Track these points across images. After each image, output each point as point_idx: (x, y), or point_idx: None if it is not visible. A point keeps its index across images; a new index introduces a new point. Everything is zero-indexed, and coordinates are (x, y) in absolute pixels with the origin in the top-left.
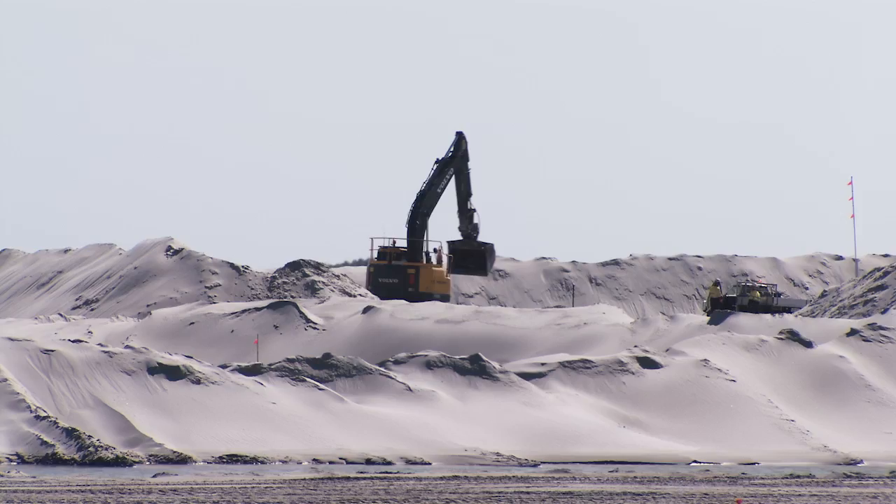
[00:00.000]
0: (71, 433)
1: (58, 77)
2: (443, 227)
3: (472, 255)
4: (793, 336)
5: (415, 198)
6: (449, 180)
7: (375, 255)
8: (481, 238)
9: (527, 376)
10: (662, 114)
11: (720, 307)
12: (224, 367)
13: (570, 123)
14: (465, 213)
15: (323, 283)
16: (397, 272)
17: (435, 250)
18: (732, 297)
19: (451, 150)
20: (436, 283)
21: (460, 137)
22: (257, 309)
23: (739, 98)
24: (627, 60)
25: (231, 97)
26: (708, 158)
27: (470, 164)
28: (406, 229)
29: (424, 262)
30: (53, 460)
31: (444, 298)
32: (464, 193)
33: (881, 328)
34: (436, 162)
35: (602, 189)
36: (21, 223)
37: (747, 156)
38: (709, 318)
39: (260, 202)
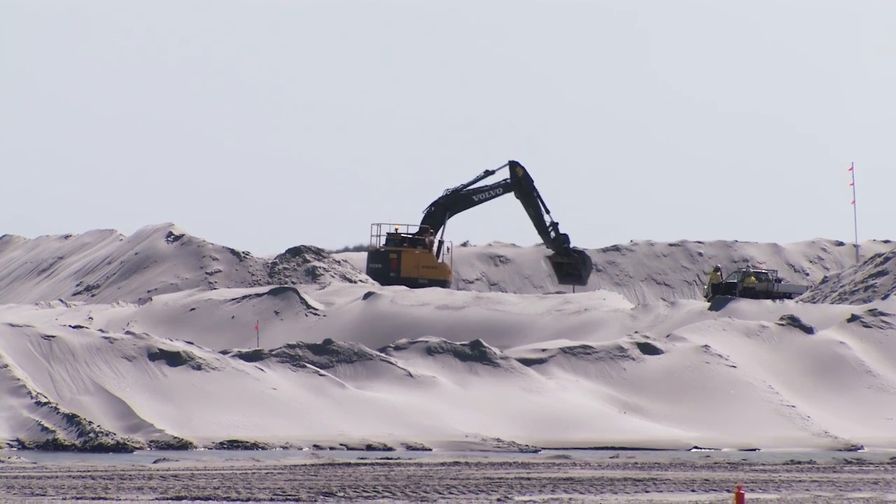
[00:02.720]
0: (71, 419)
1: (58, 64)
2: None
3: (567, 266)
4: (793, 322)
5: (445, 192)
6: (491, 198)
7: (383, 241)
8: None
9: (527, 362)
10: (663, 100)
11: (721, 293)
12: (225, 352)
13: (570, 109)
14: (545, 232)
15: (323, 268)
16: (382, 257)
17: (425, 235)
18: (733, 283)
19: (508, 177)
20: (422, 267)
21: (513, 166)
22: (258, 295)
23: (740, 84)
24: (628, 47)
25: (232, 83)
26: (708, 144)
27: (537, 186)
28: (422, 216)
29: (420, 249)
30: (54, 446)
31: (444, 284)
32: (535, 217)
33: (882, 314)
34: (485, 172)
35: (602, 175)
36: (22, 209)
37: (748, 141)
38: (709, 303)
39: (260, 188)
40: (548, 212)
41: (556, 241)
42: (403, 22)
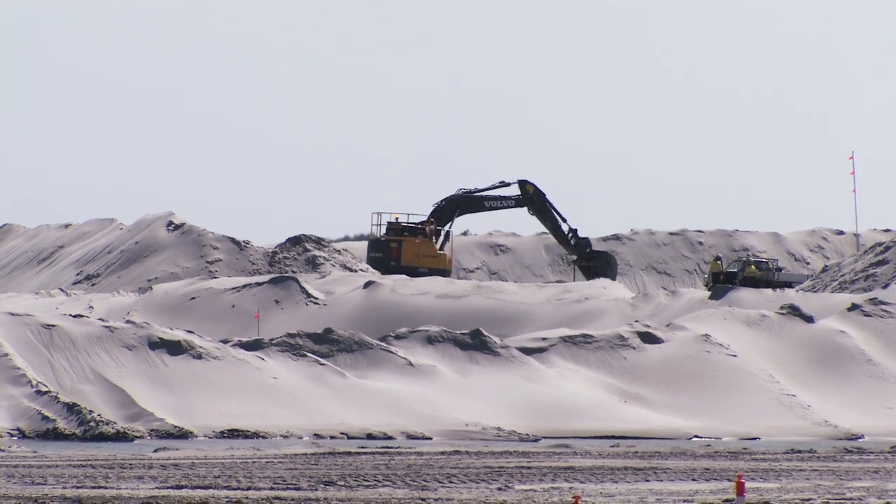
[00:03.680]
0: (72, 408)
1: (58, 51)
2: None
3: (594, 268)
4: (794, 311)
5: (459, 191)
6: (502, 208)
7: (383, 230)
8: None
9: (527, 351)
10: (665, 88)
11: (721, 282)
12: (225, 341)
13: (571, 97)
14: (566, 241)
15: (324, 257)
16: (383, 246)
17: (426, 225)
18: (733, 272)
19: (519, 194)
20: (422, 256)
21: (522, 184)
22: (258, 284)
23: (741, 73)
24: (630, 34)
25: (233, 72)
26: (709, 133)
27: (550, 199)
28: (432, 208)
29: (421, 238)
30: (54, 435)
31: (445, 273)
32: (553, 229)
33: (882, 303)
34: (501, 183)
35: (603, 163)
36: (22, 198)
37: (749, 130)
38: (710, 292)
39: (261, 177)
40: (564, 220)
41: (577, 247)
42: (405, 13)
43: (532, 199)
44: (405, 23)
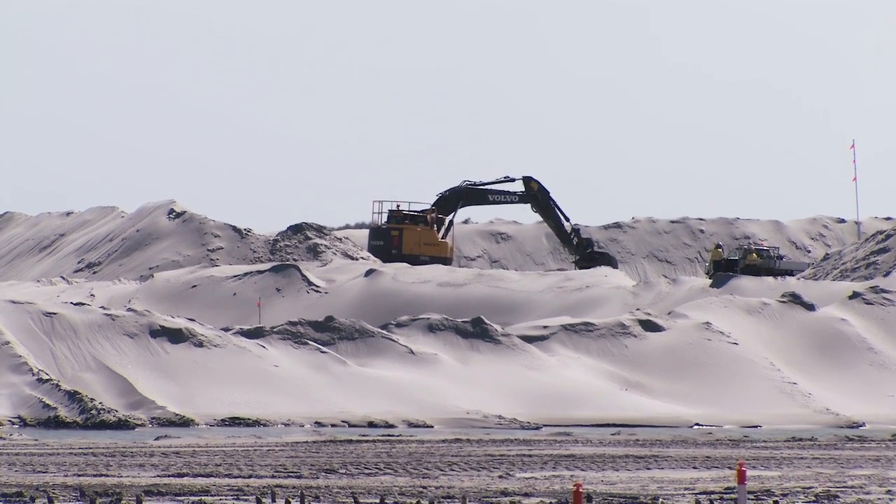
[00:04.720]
0: (73, 396)
1: (58, 40)
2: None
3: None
4: (795, 299)
5: (464, 183)
6: (505, 203)
7: (385, 218)
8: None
9: (529, 339)
10: (666, 75)
11: (722, 270)
12: (226, 329)
13: (572, 84)
14: (568, 240)
15: (325, 245)
16: (384, 234)
17: (427, 213)
18: (734, 260)
19: (523, 190)
20: (423, 244)
21: (527, 181)
22: (259, 272)
23: (743, 60)
24: (630, 20)
25: (235, 61)
26: (711, 121)
27: (553, 197)
28: (435, 198)
29: (422, 226)
30: (56, 423)
31: (446, 261)
32: (555, 227)
33: (883, 291)
34: (505, 178)
35: (604, 151)
36: (23, 186)
37: (750, 118)
38: (711, 280)
39: (262, 165)
40: (567, 219)
41: (579, 247)
42: (406, 2)
43: (536, 196)
44: (406, 12)
